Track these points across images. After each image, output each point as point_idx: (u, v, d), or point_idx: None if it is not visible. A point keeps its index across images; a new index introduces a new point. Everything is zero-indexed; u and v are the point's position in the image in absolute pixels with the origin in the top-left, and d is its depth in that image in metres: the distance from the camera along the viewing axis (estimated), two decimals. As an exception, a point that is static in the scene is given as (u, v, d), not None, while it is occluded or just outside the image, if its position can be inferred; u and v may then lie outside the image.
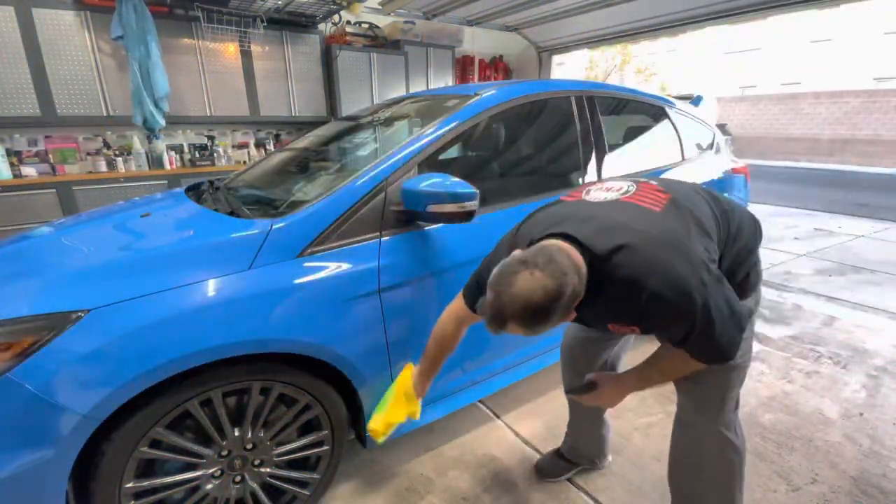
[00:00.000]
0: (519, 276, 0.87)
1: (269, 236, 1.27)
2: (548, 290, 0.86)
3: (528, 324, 0.89)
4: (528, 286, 0.86)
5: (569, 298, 0.88)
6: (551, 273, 0.86)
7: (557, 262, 0.88)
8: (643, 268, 0.91)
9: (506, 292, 0.88)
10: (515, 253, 0.95)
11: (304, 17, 4.36)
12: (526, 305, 0.86)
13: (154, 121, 3.66)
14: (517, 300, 0.86)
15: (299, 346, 1.24)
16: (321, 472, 1.45)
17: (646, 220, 0.98)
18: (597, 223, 0.98)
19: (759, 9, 4.30)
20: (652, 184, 1.12)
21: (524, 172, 2.21)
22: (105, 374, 1.01)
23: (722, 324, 0.95)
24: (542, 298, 0.86)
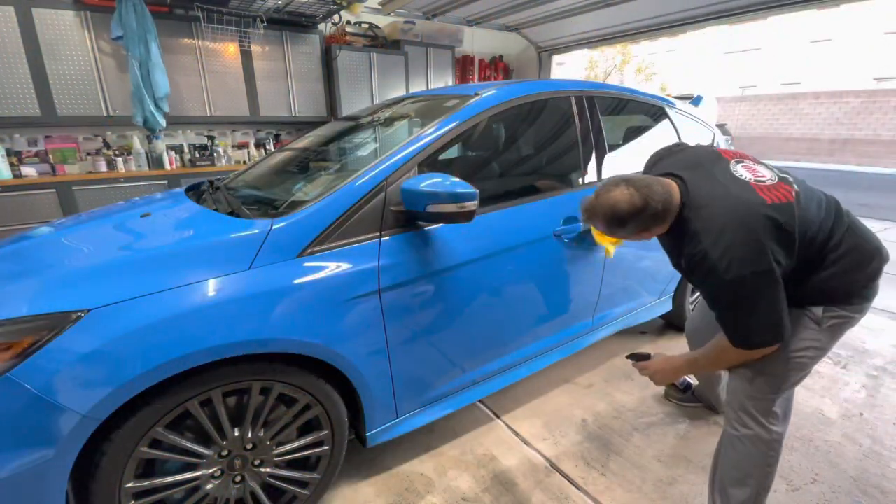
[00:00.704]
0: (618, 187, 1.14)
1: (269, 236, 1.27)
2: (633, 202, 1.11)
3: (608, 224, 1.16)
4: (619, 195, 1.12)
5: (647, 217, 1.12)
6: (642, 193, 1.11)
7: (652, 188, 1.12)
8: (710, 229, 1.08)
9: (602, 195, 1.16)
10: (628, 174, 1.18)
11: (304, 17, 4.36)
12: (612, 208, 1.13)
13: (155, 121, 3.66)
14: (608, 202, 1.14)
15: (299, 346, 1.24)
16: (321, 472, 1.45)
17: (748, 201, 1.10)
18: (712, 186, 1.14)
19: (759, 9, 4.30)
20: (787, 184, 1.18)
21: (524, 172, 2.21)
22: (105, 374, 1.01)
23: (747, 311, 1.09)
24: (625, 207, 1.11)
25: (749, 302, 1.08)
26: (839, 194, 1.24)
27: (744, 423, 1.29)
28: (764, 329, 1.11)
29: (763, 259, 1.04)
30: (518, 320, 1.82)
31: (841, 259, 1.17)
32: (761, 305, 1.08)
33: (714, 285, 1.11)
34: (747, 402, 1.28)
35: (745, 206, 1.08)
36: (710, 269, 1.07)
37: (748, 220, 1.06)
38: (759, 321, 1.10)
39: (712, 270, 1.07)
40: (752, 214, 1.07)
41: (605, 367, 2.42)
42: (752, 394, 1.26)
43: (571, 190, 1.95)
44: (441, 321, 1.56)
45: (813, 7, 4.18)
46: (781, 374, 1.23)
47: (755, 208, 1.08)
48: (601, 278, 2.05)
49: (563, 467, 1.71)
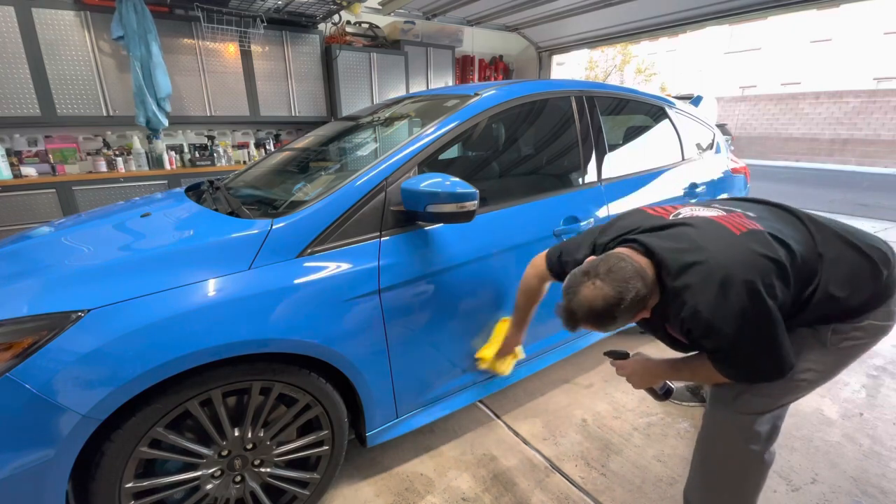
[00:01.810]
0: (583, 286, 1.02)
1: (269, 236, 1.27)
2: (607, 298, 0.98)
3: (596, 325, 1.04)
4: (590, 295, 1.00)
5: (632, 303, 0.99)
6: (611, 282, 0.99)
7: (618, 271, 1.00)
8: (700, 289, 0.98)
9: (573, 300, 1.03)
10: (584, 263, 1.08)
11: (304, 17, 4.36)
12: (590, 311, 1.01)
13: (157, 121, 3.66)
14: (582, 307, 1.01)
15: (299, 346, 1.24)
16: (321, 472, 1.45)
17: (719, 241, 1.02)
18: (671, 237, 1.05)
19: (759, 9, 4.30)
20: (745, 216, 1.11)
21: (524, 172, 2.21)
22: (105, 375, 1.01)
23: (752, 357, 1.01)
24: (602, 306, 0.99)
25: (751, 347, 1.00)
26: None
27: (720, 437, 1.23)
28: (766, 369, 1.03)
29: (757, 300, 0.96)
30: (518, 320, 1.82)
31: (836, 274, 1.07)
32: (762, 347, 1.00)
33: (715, 341, 1.01)
34: (728, 415, 1.20)
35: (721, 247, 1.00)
36: (708, 327, 0.98)
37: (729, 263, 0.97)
38: (763, 362, 1.02)
39: (710, 329, 0.98)
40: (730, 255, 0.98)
41: (604, 367, 2.41)
42: (735, 408, 1.18)
43: (571, 190, 1.95)
44: (441, 321, 1.56)
45: (813, 7, 4.19)
46: (773, 395, 1.15)
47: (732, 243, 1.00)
48: (601, 278, 2.05)
49: (563, 467, 1.71)
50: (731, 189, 2.65)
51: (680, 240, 1.04)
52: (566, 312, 1.06)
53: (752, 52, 19.39)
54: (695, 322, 1.00)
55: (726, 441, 1.22)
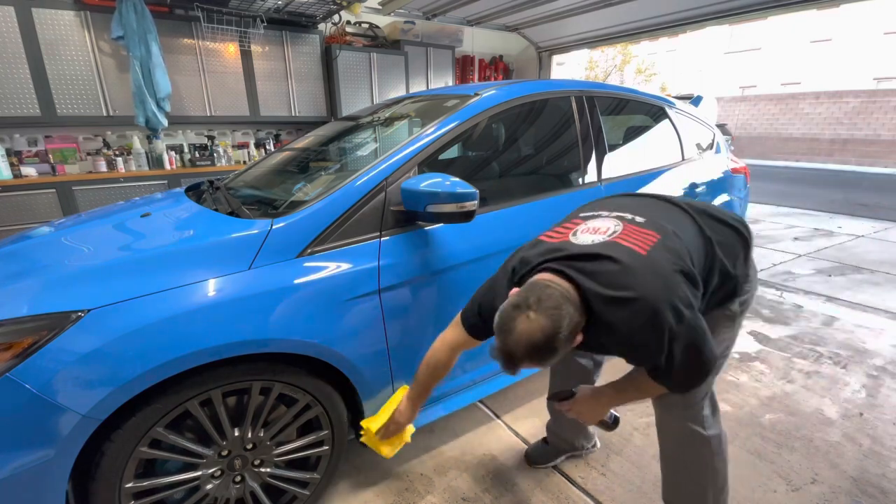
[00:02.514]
0: (517, 321, 0.94)
1: (269, 236, 1.27)
2: (545, 329, 0.92)
3: (538, 361, 0.96)
4: (527, 329, 0.93)
5: (568, 329, 0.94)
6: (544, 312, 0.93)
7: (547, 299, 0.94)
8: (629, 321, 0.96)
9: (509, 338, 0.95)
10: (510, 297, 1.01)
11: (304, 17, 4.36)
12: (529, 346, 0.93)
13: (157, 121, 3.66)
14: (521, 343, 0.93)
15: (299, 347, 1.24)
16: (321, 472, 1.45)
17: (634, 268, 0.99)
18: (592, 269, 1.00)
19: (759, 9, 4.31)
20: (637, 224, 1.11)
21: (524, 172, 2.21)
22: (105, 374, 1.01)
23: (686, 368, 1.02)
24: (542, 338, 0.92)
25: (685, 358, 1.00)
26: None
27: (680, 437, 1.28)
28: (702, 372, 1.05)
29: (680, 317, 0.96)
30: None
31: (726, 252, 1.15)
32: (695, 355, 1.01)
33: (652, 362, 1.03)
34: (678, 413, 1.27)
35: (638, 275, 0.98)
36: (643, 353, 1.01)
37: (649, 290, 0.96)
38: (697, 367, 1.04)
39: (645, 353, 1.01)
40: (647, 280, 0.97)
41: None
42: (678, 406, 1.25)
43: (572, 190, 1.95)
44: (441, 321, 1.55)
45: (813, 7, 4.19)
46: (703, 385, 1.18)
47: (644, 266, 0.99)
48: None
49: (563, 467, 1.71)
50: (730, 190, 2.65)
51: (600, 272, 1.00)
52: (504, 354, 0.97)
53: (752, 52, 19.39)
54: (630, 351, 1.03)
55: (682, 437, 1.28)
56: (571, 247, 1.07)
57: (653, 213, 1.16)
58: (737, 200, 2.70)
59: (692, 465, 1.30)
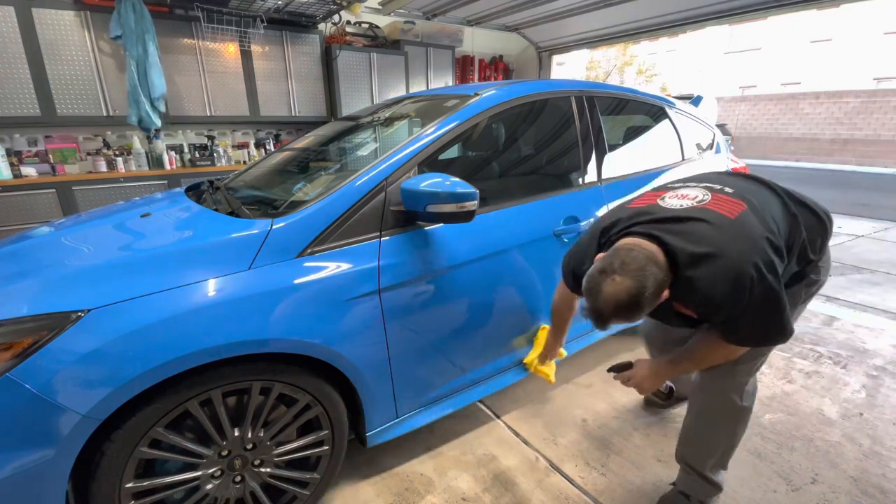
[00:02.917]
0: (603, 284, 1.04)
1: (269, 236, 1.27)
2: (630, 290, 1.01)
3: (626, 318, 1.05)
4: (613, 291, 1.02)
5: (653, 288, 1.02)
6: (629, 274, 1.02)
7: (632, 262, 1.03)
8: (712, 278, 1.03)
9: (598, 300, 1.05)
10: (595, 261, 1.10)
11: (304, 17, 4.36)
12: (617, 306, 1.02)
13: (150, 121, 3.66)
14: (608, 304, 1.03)
15: (299, 347, 1.24)
16: (321, 472, 1.45)
17: (721, 230, 1.07)
18: (680, 230, 1.09)
19: (759, 9, 4.30)
20: (726, 193, 1.17)
21: (524, 172, 2.21)
22: (105, 375, 1.01)
23: (758, 329, 1.10)
24: (627, 298, 1.01)
25: (759, 319, 1.09)
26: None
27: (717, 401, 1.36)
28: (773, 336, 1.13)
29: (761, 279, 1.03)
30: (518, 321, 1.82)
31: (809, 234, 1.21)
32: (769, 319, 1.08)
33: (726, 317, 1.10)
34: (722, 382, 1.34)
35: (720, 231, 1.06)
36: (720, 309, 1.07)
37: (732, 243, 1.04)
38: (770, 330, 1.11)
39: (721, 309, 1.07)
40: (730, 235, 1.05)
41: (604, 367, 2.41)
42: (729, 378, 1.32)
43: (572, 190, 1.95)
44: (441, 321, 1.56)
45: (813, 7, 4.19)
46: (760, 357, 1.32)
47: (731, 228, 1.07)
48: (601, 278, 2.05)
49: (563, 467, 1.71)
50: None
51: (687, 232, 1.08)
52: (594, 313, 1.08)
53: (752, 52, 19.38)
54: (709, 306, 1.08)
55: (723, 404, 1.35)
56: (659, 210, 1.15)
57: (741, 187, 1.22)
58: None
59: (719, 428, 1.39)
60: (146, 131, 3.83)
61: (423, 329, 1.52)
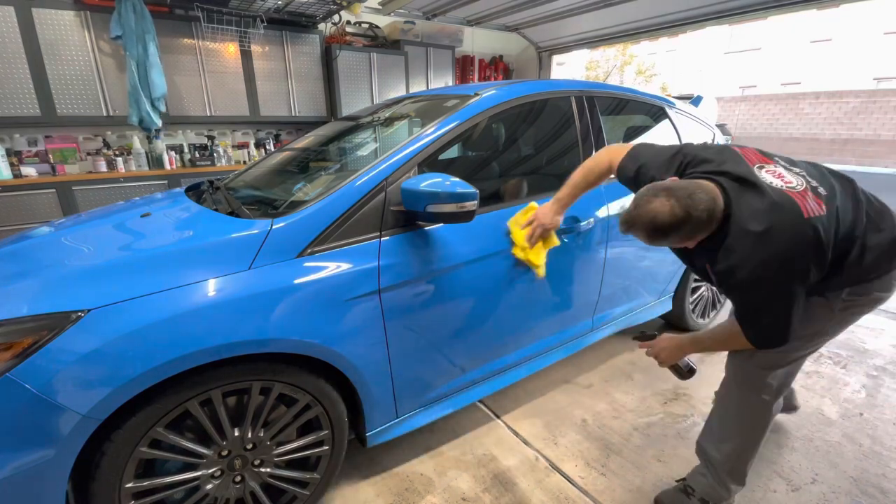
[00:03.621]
0: (657, 199, 1.09)
1: (269, 236, 1.27)
2: (674, 215, 1.07)
3: (648, 236, 1.13)
4: (659, 208, 1.08)
5: (689, 229, 1.08)
6: (683, 204, 1.06)
7: (696, 201, 1.07)
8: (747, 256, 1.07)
9: (642, 206, 1.11)
10: (667, 180, 1.15)
11: (304, 17, 4.36)
12: (652, 221, 1.09)
13: (150, 120, 3.66)
14: (647, 215, 1.09)
15: (299, 347, 1.24)
16: (321, 472, 1.45)
17: (785, 221, 1.07)
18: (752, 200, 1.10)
19: (759, 9, 4.30)
20: (817, 193, 1.15)
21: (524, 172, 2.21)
22: (105, 375, 1.01)
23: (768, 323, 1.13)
24: (665, 220, 1.08)
25: (768, 314, 1.12)
26: None
27: (736, 387, 1.39)
28: (773, 336, 1.15)
29: (793, 275, 1.07)
30: (518, 320, 1.82)
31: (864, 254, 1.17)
32: (780, 316, 1.11)
33: (741, 299, 1.16)
34: (743, 369, 1.37)
35: (783, 221, 1.07)
36: (741, 280, 1.10)
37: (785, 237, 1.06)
38: (773, 329, 1.14)
39: (742, 281, 1.10)
40: (789, 230, 1.06)
41: (605, 367, 2.42)
42: (752, 363, 1.34)
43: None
44: (441, 321, 1.56)
45: (813, 7, 4.18)
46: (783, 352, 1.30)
47: (794, 225, 1.07)
48: (601, 278, 2.05)
49: (563, 467, 1.71)
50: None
51: (756, 205, 1.09)
52: (629, 217, 1.13)
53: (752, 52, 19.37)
54: (730, 278, 1.12)
55: (742, 391, 1.38)
56: (751, 175, 1.15)
57: (834, 194, 1.18)
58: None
59: (733, 418, 1.42)
60: (147, 131, 3.83)
61: (423, 329, 1.52)
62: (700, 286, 2.71)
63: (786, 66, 18.49)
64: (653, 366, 2.41)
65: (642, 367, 2.41)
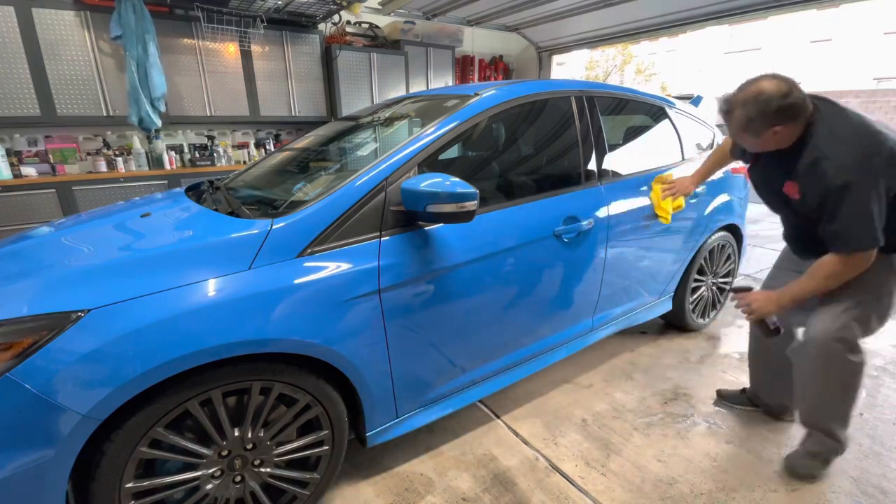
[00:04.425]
0: (764, 78, 1.27)
1: (269, 236, 1.27)
2: (780, 88, 1.24)
3: (746, 113, 1.28)
4: (766, 83, 1.26)
5: (788, 107, 1.24)
6: (789, 83, 1.25)
7: (797, 86, 1.26)
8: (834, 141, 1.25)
9: (748, 85, 1.28)
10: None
11: (304, 17, 4.36)
12: (756, 95, 1.25)
13: (150, 121, 3.66)
14: (753, 90, 1.26)
15: (299, 347, 1.24)
16: (321, 472, 1.45)
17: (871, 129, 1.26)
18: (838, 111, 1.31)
19: (759, 9, 4.31)
20: None
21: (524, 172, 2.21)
22: (105, 375, 1.01)
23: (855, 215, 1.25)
24: (771, 92, 1.24)
25: (855, 207, 1.25)
26: None
27: (826, 353, 1.46)
28: (863, 234, 1.27)
29: (875, 174, 1.22)
30: (518, 320, 1.82)
31: None
32: (864, 213, 1.24)
33: (826, 189, 1.27)
34: (827, 333, 1.44)
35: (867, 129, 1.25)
36: (825, 173, 1.25)
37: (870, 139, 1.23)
38: (860, 227, 1.26)
39: (826, 175, 1.25)
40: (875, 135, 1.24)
41: (605, 367, 2.42)
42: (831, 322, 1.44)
43: (571, 190, 1.95)
44: (441, 321, 1.56)
45: (813, 7, 4.19)
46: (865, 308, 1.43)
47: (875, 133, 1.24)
48: (601, 278, 2.05)
49: (563, 467, 1.71)
50: (730, 189, 2.65)
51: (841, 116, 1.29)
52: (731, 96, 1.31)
53: (752, 52, 19.38)
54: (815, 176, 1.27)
55: (831, 353, 1.45)
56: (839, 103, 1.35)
57: None
58: (737, 200, 2.70)
59: (834, 385, 1.50)
60: (146, 131, 3.83)
61: (423, 329, 1.52)
62: (700, 286, 2.71)
63: (786, 66, 18.48)
64: (653, 366, 2.41)
65: (642, 367, 2.41)
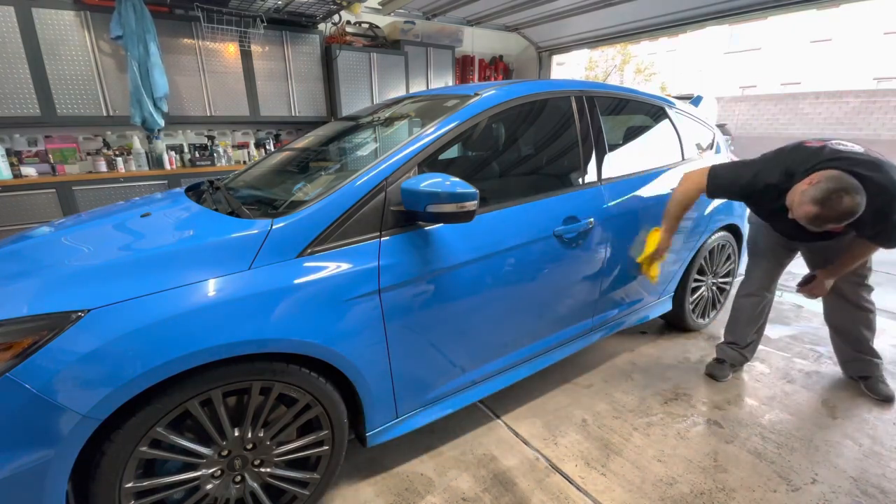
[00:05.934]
0: (844, 198, 1.48)
1: (269, 236, 1.27)
2: (861, 204, 1.50)
3: (840, 222, 1.53)
4: (851, 203, 1.49)
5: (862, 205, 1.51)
6: (861, 194, 1.49)
7: (858, 189, 1.49)
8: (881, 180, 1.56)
9: (835, 209, 1.49)
10: (816, 181, 1.54)
11: (304, 17, 4.36)
12: (849, 213, 1.50)
13: (153, 121, 3.66)
14: (844, 213, 1.50)
15: (299, 346, 1.24)
16: (321, 472, 1.45)
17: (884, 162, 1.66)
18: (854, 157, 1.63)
19: (759, 9, 4.31)
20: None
21: (524, 172, 2.21)
22: (105, 375, 1.00)
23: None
24: (858, 211, 1.50)
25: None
26: None
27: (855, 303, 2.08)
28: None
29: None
30: (518, 320, 1.82)
31: None
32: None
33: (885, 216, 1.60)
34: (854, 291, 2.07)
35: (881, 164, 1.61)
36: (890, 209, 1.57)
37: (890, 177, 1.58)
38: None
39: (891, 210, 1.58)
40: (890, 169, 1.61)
41: (605, 367, 2.42)
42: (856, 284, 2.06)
43: (571, 190, 1.95)
44: (441, 321, 1.56)
45: (813, 7, 4.19)
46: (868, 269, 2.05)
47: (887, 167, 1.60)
48: (601, 278, 2.05)
49: (563, 467, 1.71)
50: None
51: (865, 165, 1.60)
52: (821, 218, 1.52)
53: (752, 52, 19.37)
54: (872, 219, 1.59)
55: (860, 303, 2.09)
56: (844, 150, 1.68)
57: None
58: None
59: (861, 322, 2.11)
60: (150, 132, 3.83)
61: (423, 329, 1.52)
62: (700, 286, 2.71)
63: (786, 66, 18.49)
64: (653, 366, 2.41)
65: (642, 367, 2.41)
